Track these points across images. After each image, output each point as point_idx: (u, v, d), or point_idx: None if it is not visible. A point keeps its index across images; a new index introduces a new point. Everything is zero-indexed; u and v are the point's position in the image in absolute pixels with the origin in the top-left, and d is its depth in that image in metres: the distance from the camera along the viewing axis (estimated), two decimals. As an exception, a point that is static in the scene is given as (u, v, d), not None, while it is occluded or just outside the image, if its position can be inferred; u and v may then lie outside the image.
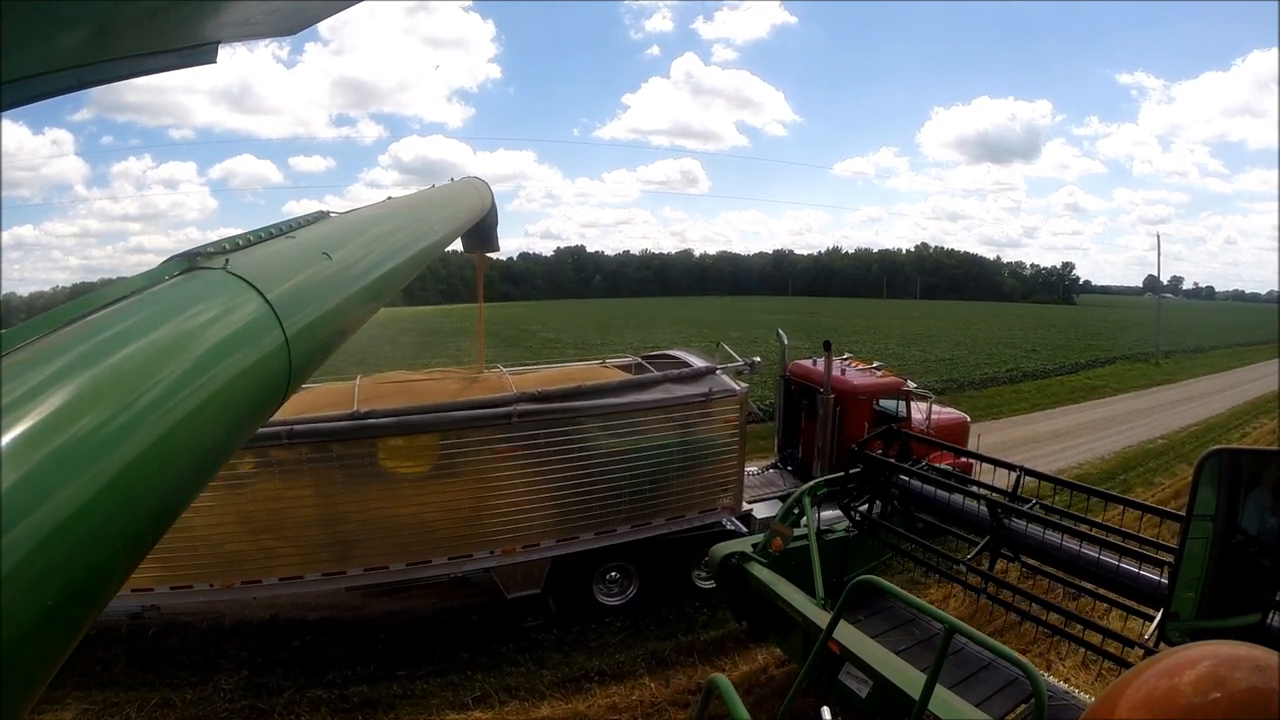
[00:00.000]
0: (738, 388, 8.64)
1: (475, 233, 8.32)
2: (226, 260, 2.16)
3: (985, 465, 6.87)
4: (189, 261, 2.10)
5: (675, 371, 9.00)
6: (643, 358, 10.30)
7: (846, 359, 11.49)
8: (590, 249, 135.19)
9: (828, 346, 9.87)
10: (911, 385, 10.58)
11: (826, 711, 3.36)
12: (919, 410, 10.40)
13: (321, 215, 3.38)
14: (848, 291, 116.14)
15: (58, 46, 2.07)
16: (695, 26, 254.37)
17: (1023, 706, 4.97)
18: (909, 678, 4.65)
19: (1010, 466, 6.48)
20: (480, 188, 7.87)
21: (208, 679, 7.32)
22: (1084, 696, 5.34)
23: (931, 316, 65.97)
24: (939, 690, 4.03)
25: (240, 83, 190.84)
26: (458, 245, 8.15)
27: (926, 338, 42.80)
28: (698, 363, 9.27)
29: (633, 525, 8.14)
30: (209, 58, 2.75)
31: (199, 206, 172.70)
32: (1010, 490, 6.21)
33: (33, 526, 1.16)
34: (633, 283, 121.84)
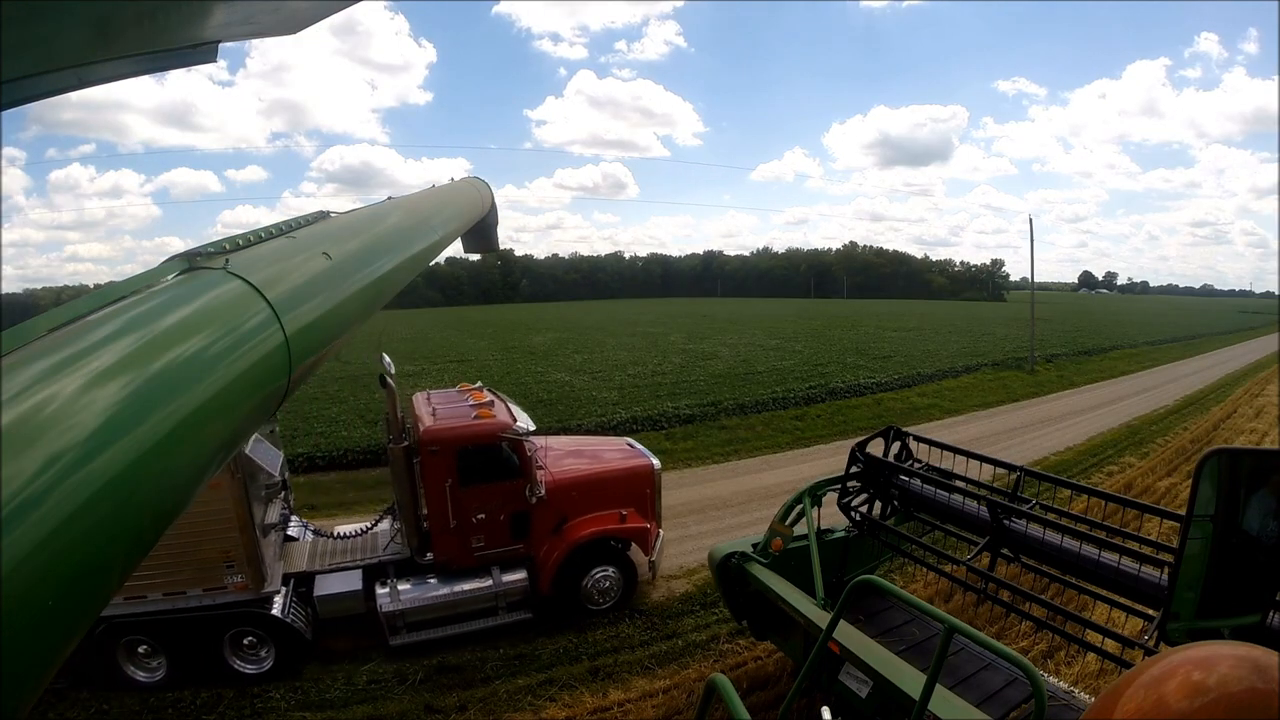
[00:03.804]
0: None
1: (476, 232, 8.32)
2: (226, 260, 2.16)
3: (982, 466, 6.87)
4: (189, 261, 2.09)
5: None
6: None
7: (470, 389, 9.23)
8: (523, 253, 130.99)
9: (383, 382, 7.77)
10: (524, 426, 8.01)
11: (826, 712, 3.36)
12: (543, 458, 8.46)
13: (322, 215, 3.38)
14: (776, 291, 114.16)
15: (58, 46, 2.07)
16: (604, 59, 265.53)
17: (1023, 706, 4.97)
18: (909, 678, 4.65)
19: (1010, 467, 6.48)
20: (480, 187, 7.86)
21: None
22: (1084, 696, 5.34)
23: (817, 314, 60.82)
24: (939, 690, 4.03)
25: (181, 103, 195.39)
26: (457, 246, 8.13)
27: (765, 343, 35.08)
28: None
29: (126, 597, 6.90)
30: (209, 57, 2.75)
31: (144, 215, 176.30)
32: (1010, 490, 6.21)
33: (33, 526, 1.17)
34: (562, 285, 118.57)
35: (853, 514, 7.19)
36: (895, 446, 7.22)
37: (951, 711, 4.24)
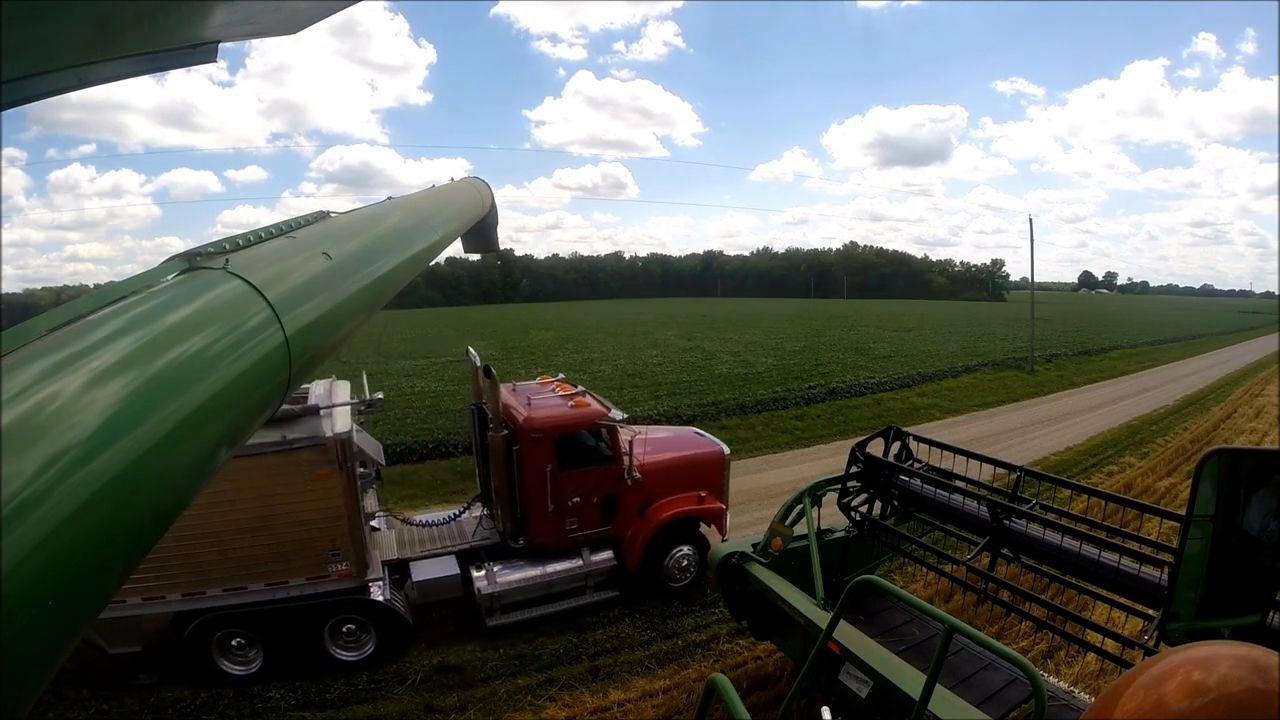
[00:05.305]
0: (329, 434, 6.86)
1: (476, 232, 8.32)
2: (226, 260, 2.16)
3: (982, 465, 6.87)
4: (189, 261, 2.09)
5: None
6: None
7: (554, 380, 9.67)
8: (522, 253, 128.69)
9: (488, 373, 8.06)
10: (617, 414, 8.54)
11: (826, 712, 3.37)
12: (640, 446, 8.74)
13: (322, 215, 3.37)
14: (776, 291, 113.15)
15: (58, 46, 2.07)
16: (603, 60, 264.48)
17: (1023, 706, 4.97)
18: (909, 678, 4.65)
19: (1010, 467, 6.48)
20: (480, 187, 7.86)
21: None
22: (1084, 696, 5.34)
23: (817, 314, 60.78)
24: (939, 690, 4.03)
25: (181, 103, 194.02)
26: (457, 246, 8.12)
27: (765, 343, 35.24)
28: (312, 400, 7.62)
29: (225, 588, 6.93)
30: (209, 57, 2.75)
31: (144, 215, 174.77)
32: (1010, 490, 6.21)
33: (33, 526, 1.17)
34: (562, 285, 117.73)
35: (853, 514, 7.19)
36: (895, 446, 7.22)
37: (951, 711, 4.24)
